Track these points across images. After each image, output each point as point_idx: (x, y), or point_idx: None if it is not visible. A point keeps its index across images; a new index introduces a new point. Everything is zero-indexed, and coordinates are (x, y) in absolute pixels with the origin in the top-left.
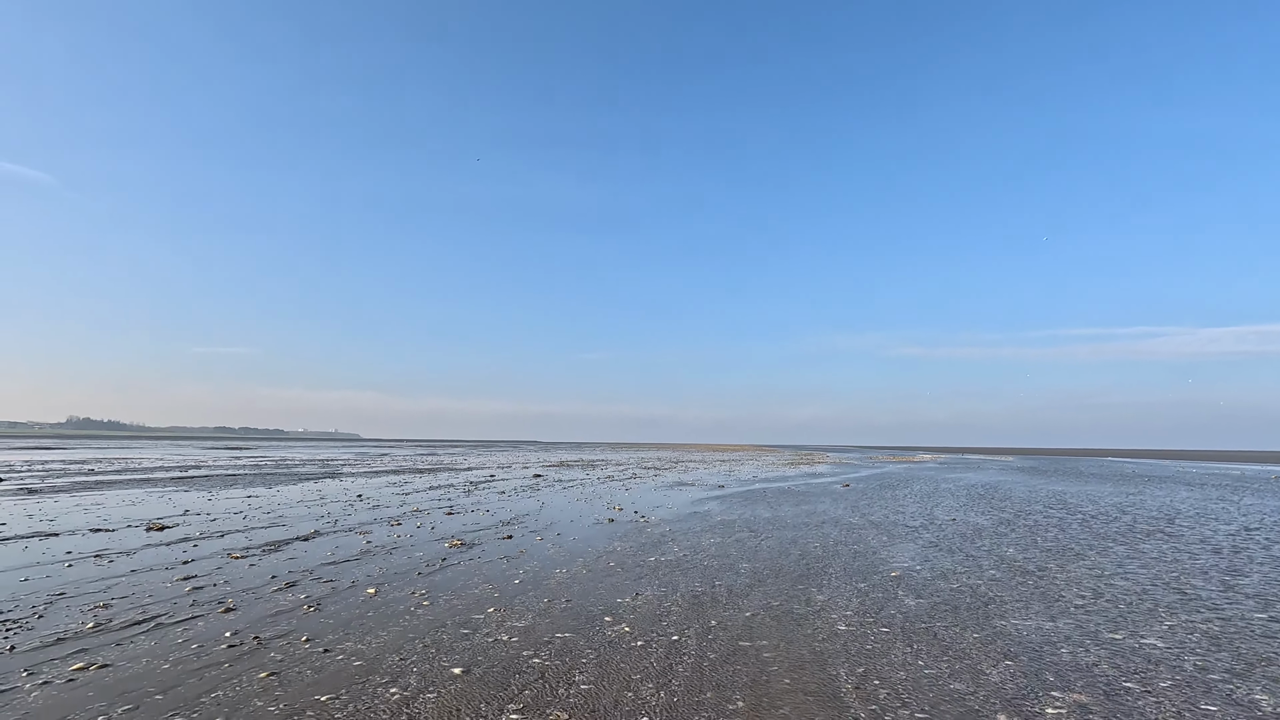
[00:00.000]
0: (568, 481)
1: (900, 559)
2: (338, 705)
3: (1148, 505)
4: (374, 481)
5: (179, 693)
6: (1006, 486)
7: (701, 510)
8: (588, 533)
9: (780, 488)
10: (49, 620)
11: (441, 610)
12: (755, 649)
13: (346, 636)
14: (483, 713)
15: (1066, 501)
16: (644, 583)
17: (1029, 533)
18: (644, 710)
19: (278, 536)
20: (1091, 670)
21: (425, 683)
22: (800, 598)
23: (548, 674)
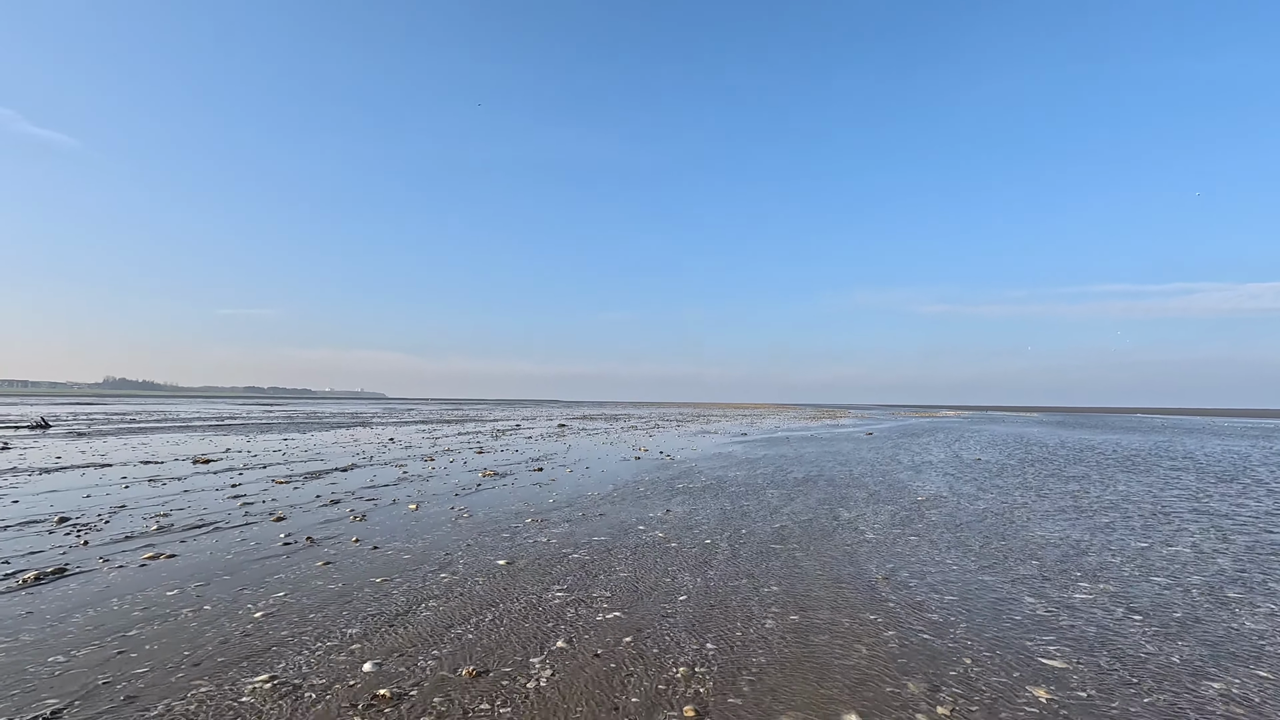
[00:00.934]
0: (591, 431)
1: (926, 487)
2: (393, 584)
3: (1175, 450)
4: (404, 429)
5: (244, 574)
6: (1032, 435)
7: (726, 451)
8: (615, 467)
9: (803, 435)
10: (115, 525)
11: (481, 521)
12: (786, 550)
13: (393, 539)
14: (530, 591)
15: (1093, 447)
16: (674, 502)
17: (1055, 468)
18: (682, 590)
19: (317, 468)
20: (1120, 569)
21: (472, 571)
22: (827, 515)
23: (588, 566)
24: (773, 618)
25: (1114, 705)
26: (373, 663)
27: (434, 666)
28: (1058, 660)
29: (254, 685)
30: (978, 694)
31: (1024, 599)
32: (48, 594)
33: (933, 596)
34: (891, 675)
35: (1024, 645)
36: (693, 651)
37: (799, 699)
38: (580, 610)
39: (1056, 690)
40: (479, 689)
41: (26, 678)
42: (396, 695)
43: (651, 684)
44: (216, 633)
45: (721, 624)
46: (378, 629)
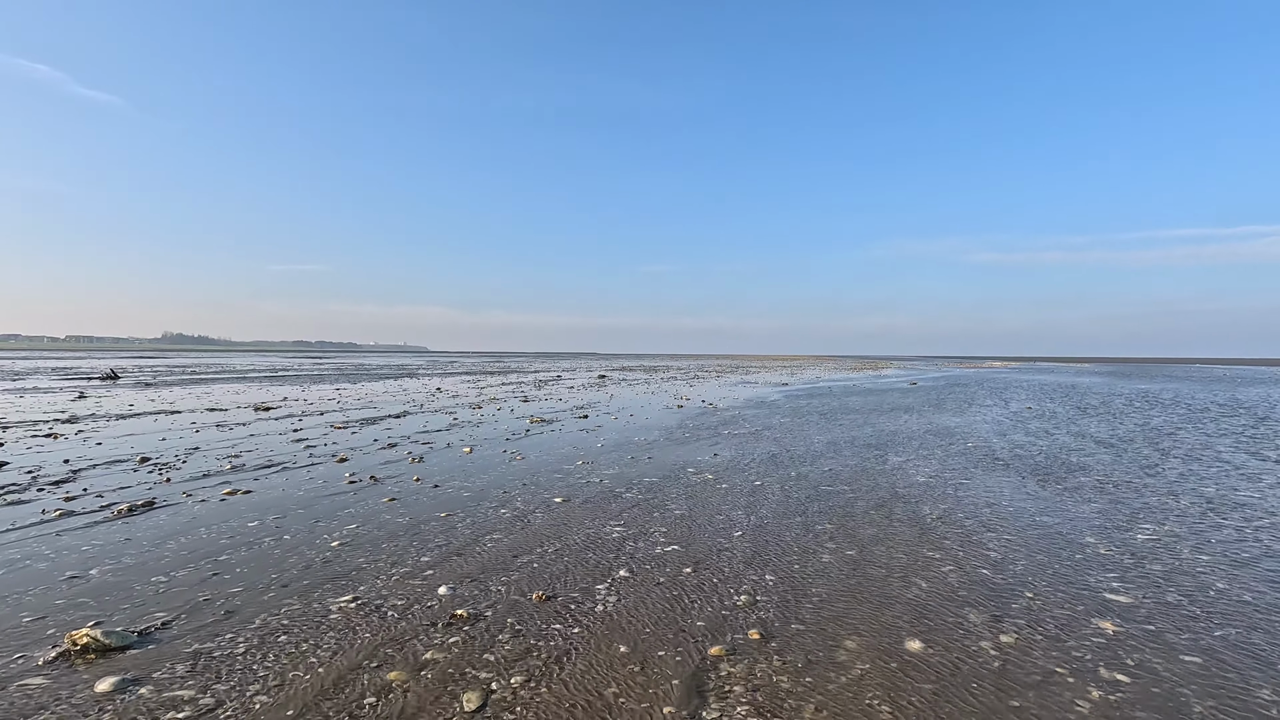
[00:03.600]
0: (632, 381)
1: (975, 434)
2: (456, 519)
3: (1239, 399)
4: (449, 380)
5: (316, 508)
6: (1085, 385)
7: (768, 400)
8: (658, 415)
9: (845, 385)
10: (191, 465)
11: (534, 463)
12: (836, 491)
13: (452, 478)
14: (588, 526)
15: (1150, 396)
16: (720, 446)
17: (1111, 417)
18: (737, 526)
19: (371, 415)
20: (1185, 512)
21: (531, 507)
22: (876, 459)
23: (642, 504)
24: (829, 553)
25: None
26: (447, 587)
27: (504, 591)
28: (1121, 595)
29: (339, 604)
30: (1041, 625)
31: (1084, 538)
32: (140, 524)
33: (988, 536)
34: (953, 607)
35: (1086, 580)
36: (752, 581)
37: (862, 626)
38: (639, 544)
39: (1120, 621)
40: (549, 611)
41: (135, 594)
42: (473, 615)
43: (715, 610)
44: (299, 559)
45: (778, 558)
46: (447, 558)
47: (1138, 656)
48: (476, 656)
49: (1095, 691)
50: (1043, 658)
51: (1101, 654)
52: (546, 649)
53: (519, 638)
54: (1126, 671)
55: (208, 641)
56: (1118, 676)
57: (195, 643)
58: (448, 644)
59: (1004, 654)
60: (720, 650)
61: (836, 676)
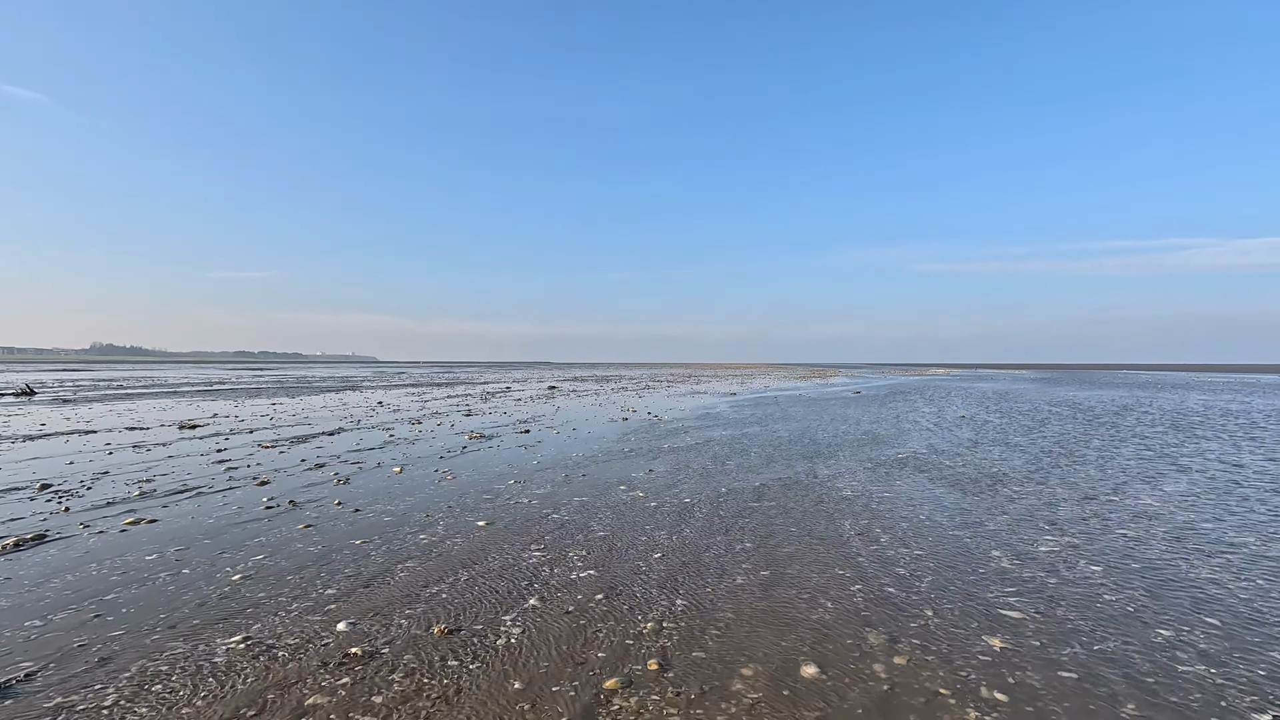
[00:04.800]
0: (582, 392)
1: (909, 444)
2: (371, 546)
3: (1156, 405)
4: (393, 393)
5: (224, 538)
6: (1018, 392)
7: (713, 411)
8: (602, 428)
9: (792, 395)
10: (97, 491)
11: (464, 483)
12: (763, 508)
13: (375, 501)
14: (507, 551)
15: (1075, 403)
16: (657, 462)
17: (1036, 426)
18: (658, 548)
19: (304, 432)
20: (1086, 522)
21: (452, 532)
22: (808, 473)
23: (567, 525)
24: (744, 574)
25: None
26: (347, 622)
27: (407, 625)
28: (1015, 610)
29: (228, 645)
30: (935, 644)
31: (991, 552)
32: (27, 560)
33: (901, 551)
34: (854, 628)
35: (985, 596)
36: (662, 607)
37: (760, 652)
38: (555, 569)
39: (1009, 637)
40: (450, 645)
41: (1, 642)
42: (368, 654)
43: (619, 640)
44: (194, 595)
45: (693, 580)
46: (354, 590)
47: (1019, 674)
48: (363, 699)
49: (973, 713)
50: (930, 679)
51: (985, 672)
52: (438, 688)
53: (411, 676)
54: (1006, 690)
55: (73, 694)
56: (996, 695)
57: (59, 696)
58: (335, 686)
59: (894, 677)
60: (616, 683)
61: (727, 707)
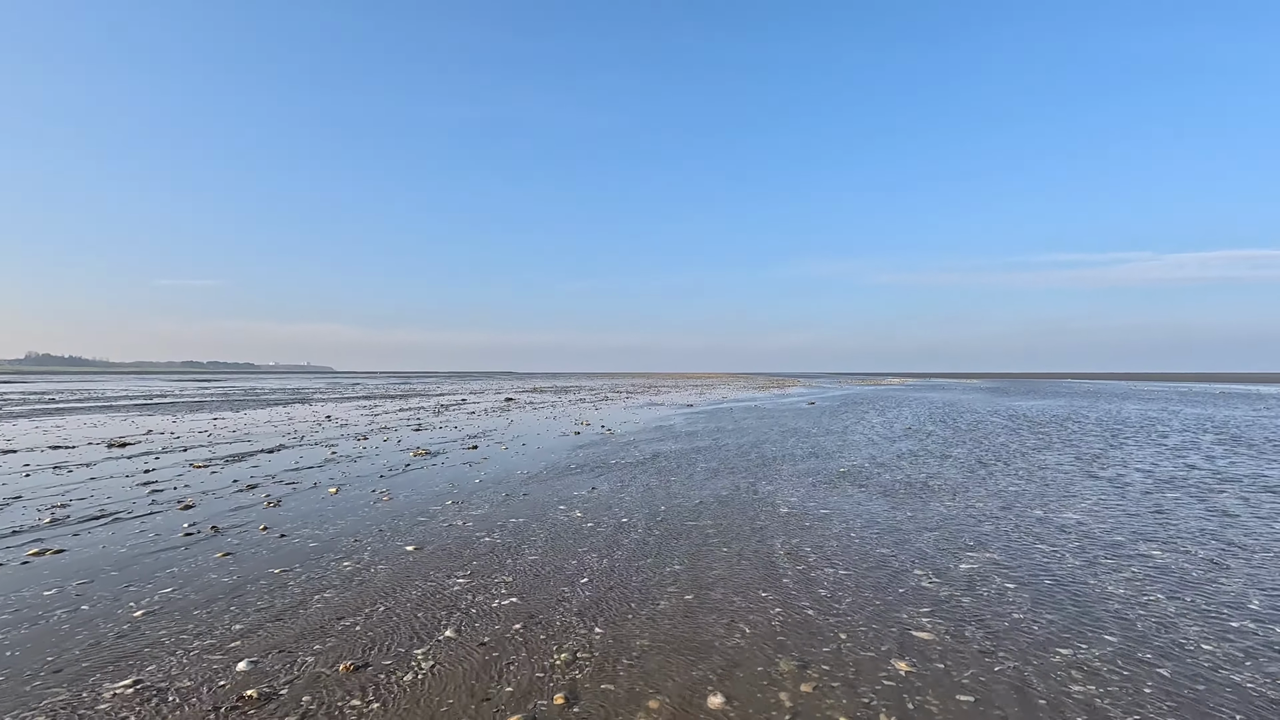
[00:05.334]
0: (538, 404)
1: (852, 458)
2: (291, 575)
3: (1093, 414)
4: (344, 406)
5: (134, 569)
6: (966, 403)
7: (667, 424)
8: (553, 443)
9: (747, 406)
10: (4, 518)
11: (400, 504)
12: (699, 527)
13: (304, 525)
14: (432, 578)
15: (1017, 413)
16: (602, 479)
17: (977, 437)
18: (586, 572)
19: (242, 450)
20: (1009, 536)
21: (378, 558)
22: (749, 489)
23: (498, 549)
24: (668, 598)
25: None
26: (249, 661)
27: (312, 663)
28: (926, 632)
29: (115, 691)
30: (843, 669)
31: (914, 570)
32: None
33: (826, 571)
34: (767, 654)
35: (900, 617)
36: (579, 636)
37: (670, 682)
38: (478, 597)
39: (916, 661)
40: (353, 684)
41: None
42: (264, 695)
43: (530, 672)
44: (88, 635)
45: (616, 607)
46: (262, 624)
47: (919, 699)
48: None
49: None
50: (832, 707)
51: (887, 698)
52: None
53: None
54: (904, 715)
55: None
56: None
57: None
58: None
59: (798, 705)
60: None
61: None
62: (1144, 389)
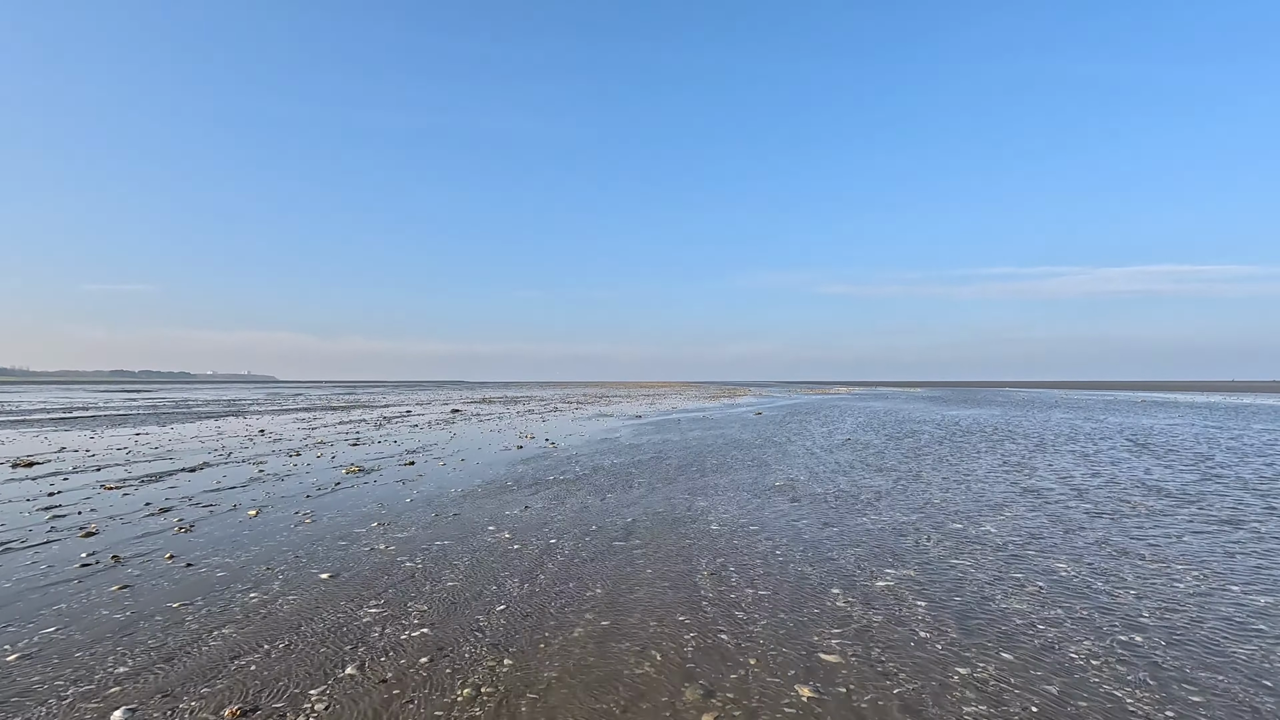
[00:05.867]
0: (485, 416)
1: (789, 471)
2: (189, 610)
3: (1024, 424)
4: (281, 419)
5: (16, 607)
6: (905, 412)
7: (613, 436)
8: (493, 457)
9: (696, 416)
10: None
11: (323, 527)
12: (628, 548)
13: (215, 553)
14: (342, 609)
15: (953, 423)
16: (537, 497)
17: (914, 449)
18: (505, 598)
19: (162, 469)
20: (926, 553)
21: (289, 588)
22: (685, 506)
23: (417, 575)
24: (584, 625)
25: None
26: (126, 709)
27: (196, 708)
28: (834, 655)
29: None
30: (747, 697)
31: (832, 589)
32: None
33: (746, 592)
34: (675, 683)
35: (811, 640)
36: (486, 670)
37: (573, 717)
38: (388, 629)
39: (819, 686)
40: None
41: None
42: None
43: (428, 711)
44: None
45: (530, 636)
46: (150, 666)
47: None
48: None
49: None
50: None
51: None
52: None
53: None
54: None
55: None
56: None
57: None
58: None
59: None
60: None
61: None
62: (1074, 397)
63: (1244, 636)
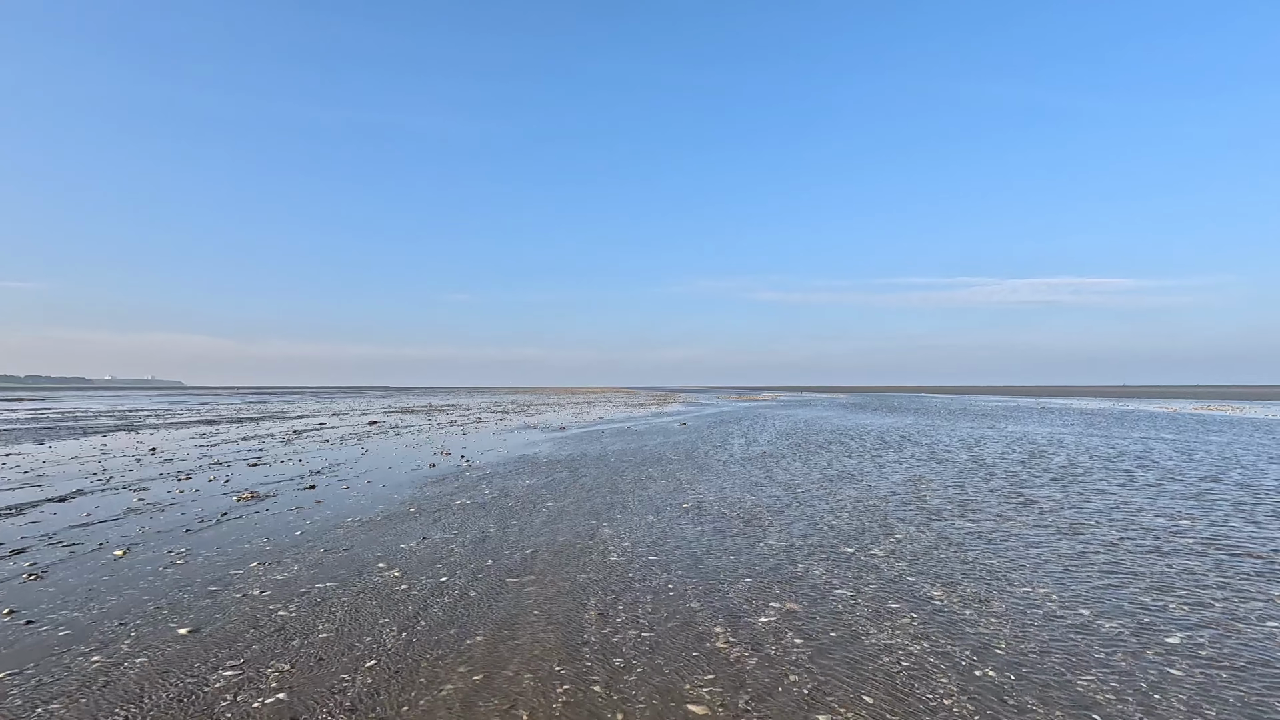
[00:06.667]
0: (404, 428)
1: (699, 491)
2: (15, 681)
3: (932, 435)
4: (178, 434)
5: None
6: (823, 421)
7: (532, 452)
8: (403, 478)
9: (620, 428)
10: None
11: (195, 569)
12: (520, 584)
13: (64, 605)
14: (194, 673)
15: (866, 432)
16: (438, 526)
17: (825, 461)
18: (377, 652)
19: (26, 499)
20: (814, 581)
21: (139, 648)
22: (588, 533)
23: (288, 626)
24: (456, 680)
25: None
26: None
27: None
28: (702, 706)
29: None
30: None
31: (714, 628)
32: None
33: (630, 634)
34: None
35: (682, 689)
36: None
37: None
38: (241, 695)
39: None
40: None
41: None
42: None
43: None
44: None
45: (395, 696)
46: None
47: None
48: None
49: None
50: None
51: None
52: None
53: None
54: None
55: None
56: None
57: None
58: None
59: None
60: None
61: None
62: (982, 404)
63: (1083, 666)
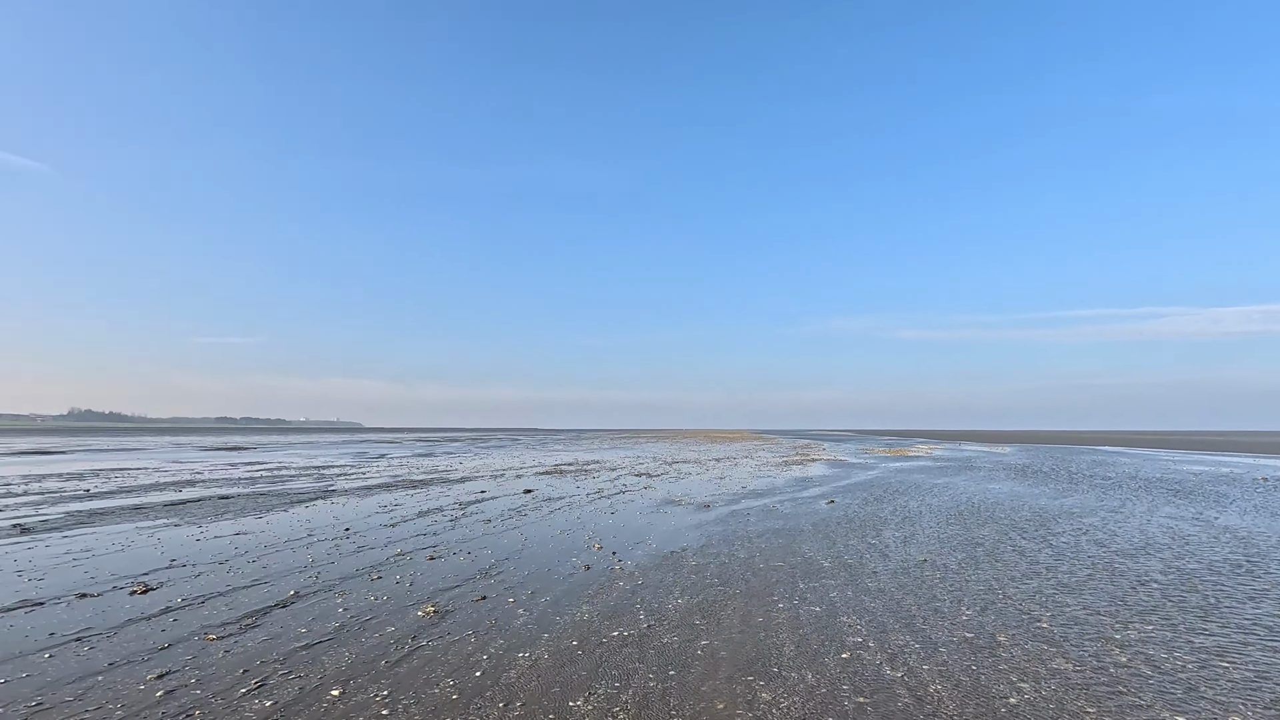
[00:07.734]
0: (556, 500)
1: (859, 631)
2: None
3: (1121, 534)
4: (365, 504)
5: None
6: (993, 501)
7: (680, 547)
8: (560, 591)
9: (765, 505)
10: None
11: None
12: None
13: None
14: None
15: (1051, 527)
16: (600, 673)
17: (990, 585)
18: None
19: (258, 602)
20: None
21: None
22: (744, 699)
23: None
24: None
25: None
26: None
27: None
28: None
29: None
30: None
31: None
32: None
33: None
34: None
35: None
36: None
37: None
38: None
39: None
40: None
41: None
42: None
43: None
44: None
45: None
46: None
47: None
48: None
49: None
50: None
51: None
52: None
53: None
54: None
55: None
56: None
57: None
58: None
59: None
60: None
61: None
62: (1184, 471)
63: None
